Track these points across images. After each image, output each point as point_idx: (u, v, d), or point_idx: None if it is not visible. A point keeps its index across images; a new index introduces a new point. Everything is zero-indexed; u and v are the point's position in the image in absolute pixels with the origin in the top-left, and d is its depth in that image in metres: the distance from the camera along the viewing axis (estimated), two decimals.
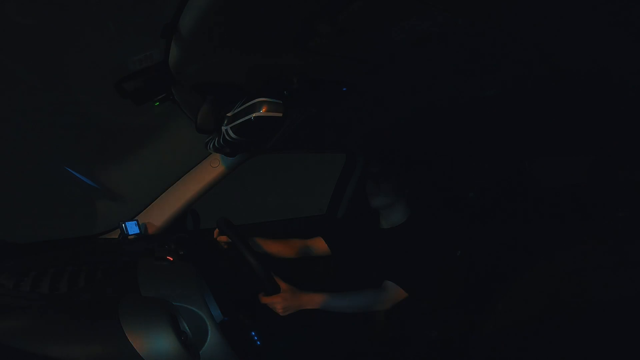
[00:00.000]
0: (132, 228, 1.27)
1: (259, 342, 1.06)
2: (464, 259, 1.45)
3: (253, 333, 1.06)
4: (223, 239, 1.31)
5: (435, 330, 1.33)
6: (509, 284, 1.45)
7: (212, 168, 1.42)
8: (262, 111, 0.80)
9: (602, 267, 1.27)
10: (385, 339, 1.28)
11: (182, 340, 0.73)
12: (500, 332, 1.38)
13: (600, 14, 0.55)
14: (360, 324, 1.28)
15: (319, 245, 1.48)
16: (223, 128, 0.93)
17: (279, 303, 1.08)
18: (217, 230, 1.32)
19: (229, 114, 0.91)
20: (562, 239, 1.47)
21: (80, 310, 0.75)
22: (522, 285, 1.42)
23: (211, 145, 1.08)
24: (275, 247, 1.42)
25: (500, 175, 2.03)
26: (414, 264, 1.18)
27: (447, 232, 1.33)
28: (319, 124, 1.33)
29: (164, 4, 0.60)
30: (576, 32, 0.61)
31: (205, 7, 0.53)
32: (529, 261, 1.47)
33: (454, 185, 2.04)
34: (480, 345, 1.37)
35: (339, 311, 1.13)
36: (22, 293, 0.78)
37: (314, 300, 1.12)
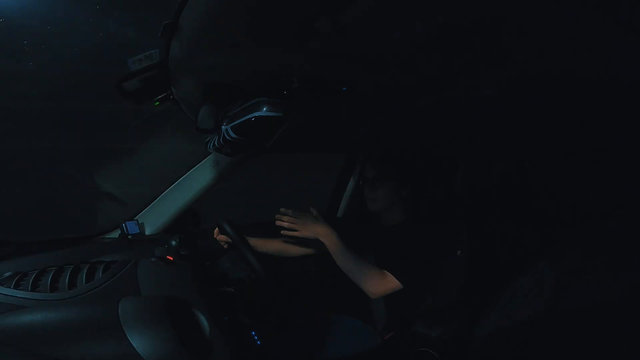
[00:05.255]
0: (132, 228, 1.27)
1: (259, 342, 1.06)
2: (464, 258, 1.44)
3: (253, 333, 1.06)
4: (223, 238, 1.31)
5: (435, 330, 1.33)
6: (509, 284, 1.45)
7: (212, 168, 1.42)
8: (262, 111, 0.80)
9: (602, 266, 1.27)
10: (386, 340, 1.28)
11: (182, 340, 0.73)
12: (500, 332, 1.38)
13: (602, 13, 0.55)
14: (360, 323, 1.28)
15: (319, 244, 1.48)
16: (223, 128, 0.93)
17: (302, 216, 1.13)
18: (217, 229, 1.32)
19: (229, 114, 0.91)
20: (562, 238, 1.47)
21: (80, 310, 0.75)
22: (522, 285, 1.42)
23: (211, 145, 1.09)
24: (275, 247, 1.42)
25: (500, 175, 2.03)
26: (410, 257, 1.18)
27: (445, 231, 1.33)
28: (320, 124, 1.33)
29: (164, 4, 0.60)
30: (577, 31, 0.61)
31: (205, 6, 0.53)
32: (529, 261, 1.47)
33: (453, 186, 2.04)
34: (481, 345, 1.37)
35: (338, 263, 1.14)
36: (21, 293, 0.78)
37: (329, 237, 1.14)
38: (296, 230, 1.14)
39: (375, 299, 1.23)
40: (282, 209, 1.15)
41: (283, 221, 1.14)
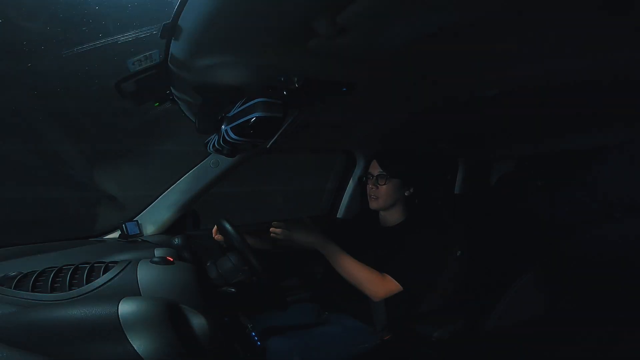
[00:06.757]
0: (132, 228, 1.27)
1: (259, 342, 1.06)
2: (463, 258, 1.44)
3: (253, 333, 1.06)
4: (221, 238, 1.31)
5: (435, 331, 1.33)
6: (508, 284, 1.45)
7: (212, 168, 1.42)
8: (262, 111, 0.80)
9: (601, 266, 1.27)
10: (385, 340, 1.28)
11: (183, 340, 0.73)
12: (500, 332, 1.37)
13: (602, 14, 0.55)
14: (361, 324, 1.28)
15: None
16: (223, 128, 0.93)
17: (295, 227, 1.11)
18: (215, 229, 1.32)
19: (228, 114, 0.91)
20: (561, 238, 1.47)
21: (80, 311, 0.75)
22: (522, 285, 1.42)
23: (211, 146, 1.09)
24: (274, 246, 1.42)
25: (500, 175, 2.03)
26: (409, 259, 1.18)
27: (445, 231, 1.33)
28: (319, 124, 1.33)
29: (164, 4, 0.60)
30: (578, 33, 0.61)
31: (205, 7, 0.53)
32: (529, 262, 1.47)
33: (453, 186, 2.04)
34: (480, 345, 1.37)
35: (337, 270, 1.14)
36: (22, 293, 0.78)
37: (325, 246, 1.13)
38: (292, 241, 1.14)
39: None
40: (274, 222, 1.14)
41: (277, 234, 1.13)
